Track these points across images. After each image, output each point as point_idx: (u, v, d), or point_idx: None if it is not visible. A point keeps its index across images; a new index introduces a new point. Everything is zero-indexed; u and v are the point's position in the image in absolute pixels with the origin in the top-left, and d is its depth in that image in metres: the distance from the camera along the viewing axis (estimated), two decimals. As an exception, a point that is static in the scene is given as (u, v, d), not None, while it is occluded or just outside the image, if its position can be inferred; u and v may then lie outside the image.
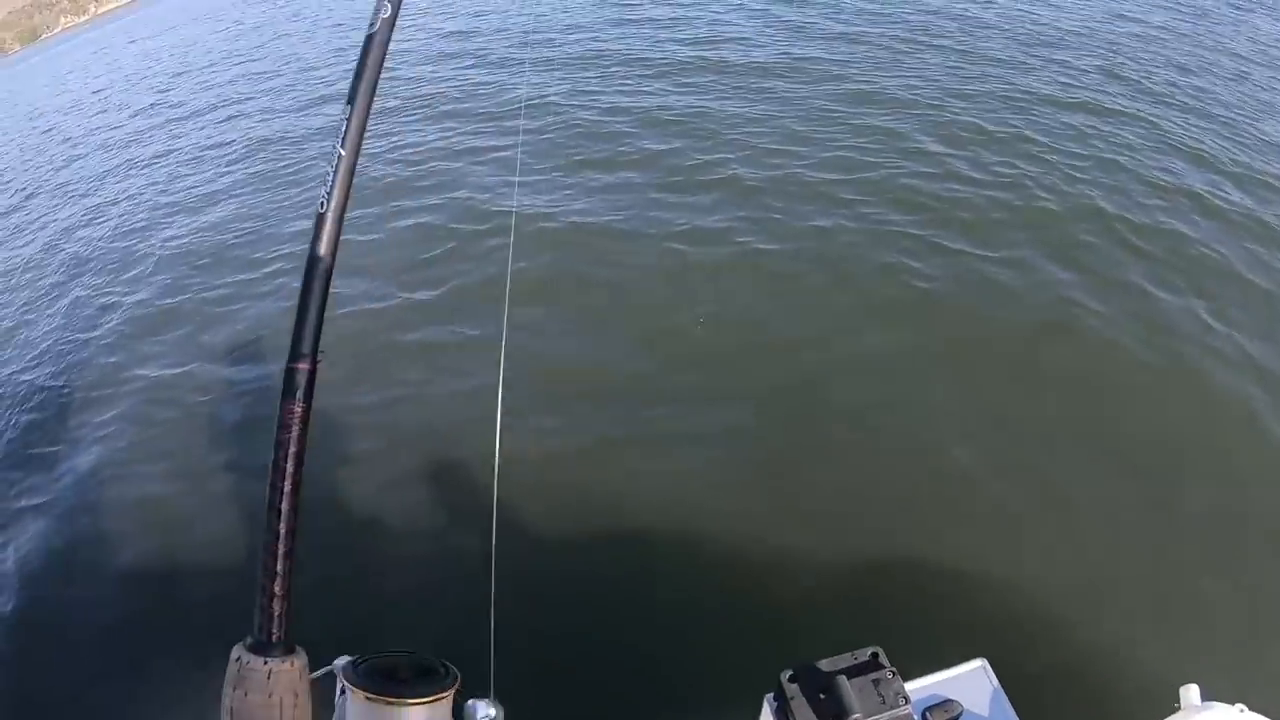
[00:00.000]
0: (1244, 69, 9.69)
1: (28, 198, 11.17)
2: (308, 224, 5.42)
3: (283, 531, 1.08)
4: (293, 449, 1.09)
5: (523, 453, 3.83)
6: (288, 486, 1.09)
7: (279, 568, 1.06)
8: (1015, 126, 6.75)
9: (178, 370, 5.33)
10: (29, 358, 6.13)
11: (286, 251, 6.24)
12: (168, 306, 6.15)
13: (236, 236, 7.06)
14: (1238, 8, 15.23)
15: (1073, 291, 4.75)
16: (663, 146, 6.76)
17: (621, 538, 3.47)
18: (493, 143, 7.52)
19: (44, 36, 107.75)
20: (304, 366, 1.10)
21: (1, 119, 21.50)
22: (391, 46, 1.17)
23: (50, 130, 15.70)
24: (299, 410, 1.10)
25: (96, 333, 6.09)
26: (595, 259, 5.34)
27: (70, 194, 10.32)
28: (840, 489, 3.59)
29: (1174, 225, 5.40)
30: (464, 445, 4.02)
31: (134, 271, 7.03)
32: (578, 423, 4.09)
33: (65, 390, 5.50)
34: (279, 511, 1.08)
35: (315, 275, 1.12)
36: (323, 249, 1.12)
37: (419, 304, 5.26)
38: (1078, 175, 6.04)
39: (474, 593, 3.23)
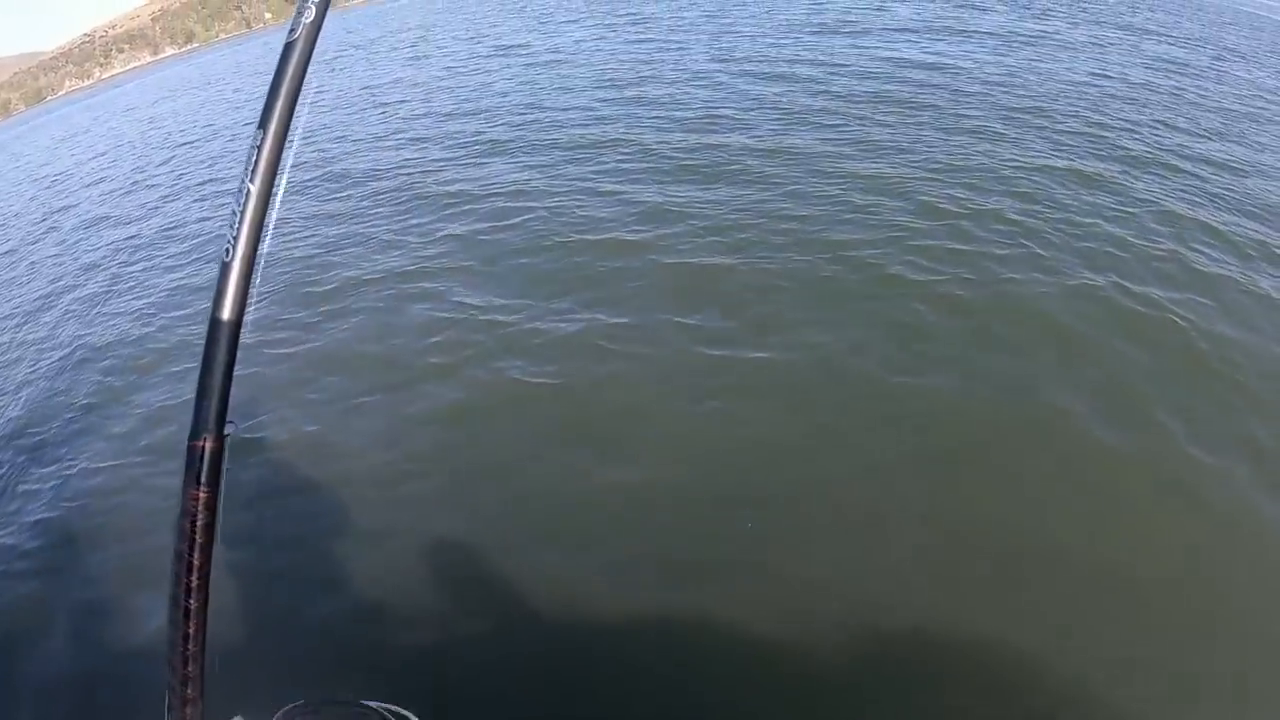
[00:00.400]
0: (1227, 122, 9.86)
1: (23, 262, 11.19)
2: (304, 314, 5.40)
3: (191, 631, 0.93)
4: (199, 539, 0.93)
5: (545, 575, 3.71)
6: (194, 580, 0.93)
7: (188, 670, 0.93)
8: (1010, 201, 6.77)
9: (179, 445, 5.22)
10: (26, 427, 6.01)
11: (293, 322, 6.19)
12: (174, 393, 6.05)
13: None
14: (1218, 59, 15.62)
15: (1067, 386, 4.63)
16: (655, 234, 6.70)
17: (639, 643, 3.38)
18: (484, 225, 7.51)
19: (48, 98, 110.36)
20: (207, 444, 0.94)
21: (3, 181, 21.68)
22: (393, 126, 1.04)
23: (49, 195, 15.82)
24: (203, 495, 0.93)
25: (97, 407, 5.98)
26: (590, 361, 5.22)
27: (68, 262, 10.29)
28: (840, 597, 3.48)
29: (1168, 295, 5.38)
30: (477, 546, 3.95)
31: (138, 341, 6.94)
32: (587, 542, 3.94)
33: (67, 465, 5.36)
34: (186, 610, 0.93)
35: (219, 338, 0.95)
36: (227, 307, 0.94)
37: (423, 396, 5.19)
38: (1074, 244, 6.06)
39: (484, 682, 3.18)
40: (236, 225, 0.95)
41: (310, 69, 1.06)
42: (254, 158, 0.96)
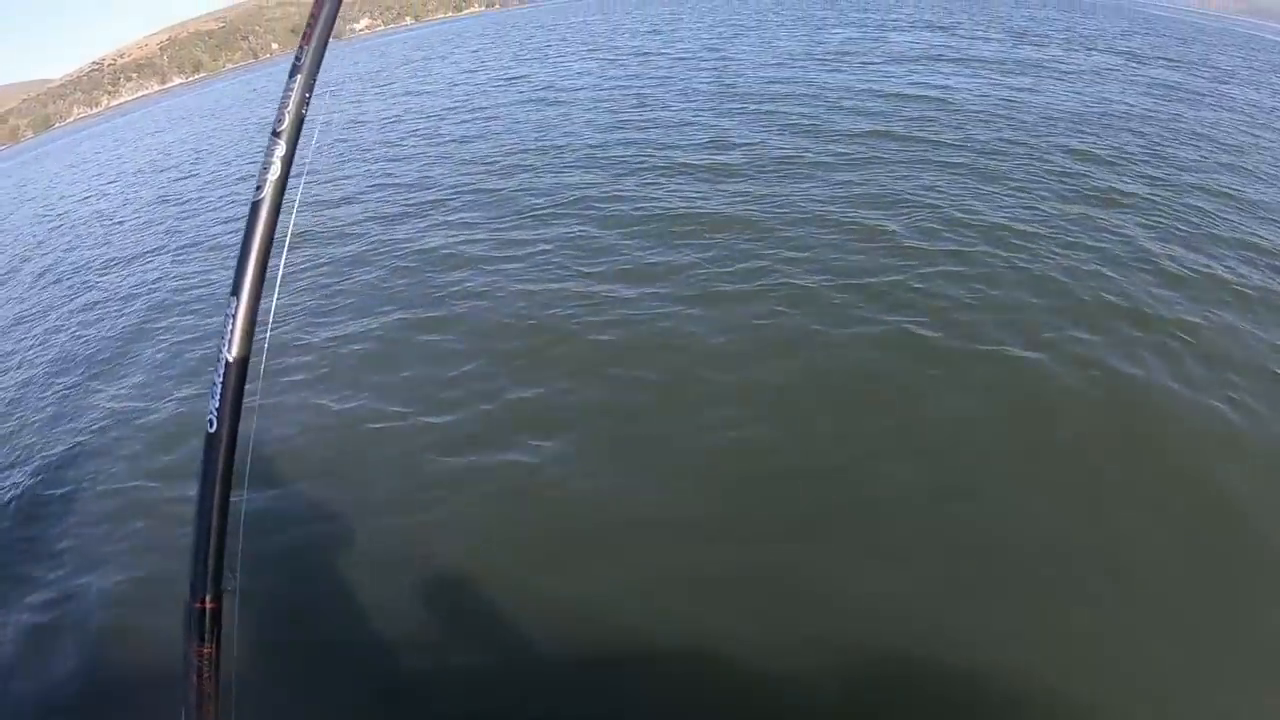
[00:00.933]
0: (1232, 150, 9.93)
1: (28, 288, 11.23)
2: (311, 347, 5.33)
3: None
4: (207, 690, 0.96)
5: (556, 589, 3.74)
6: None
7: None
8: (1007, 241, 6.80)
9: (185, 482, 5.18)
10: (24, 460, 5.92)
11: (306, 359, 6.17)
12: (179, 415, 5.97)
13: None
14: (1221, 82, 15.80)
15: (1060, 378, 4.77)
16: (674, 259, 6.78)
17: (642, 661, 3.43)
18: (508, 253, 7.52)
19: (56, 126, 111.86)
20: (207, 604, 0.97)
21: (10, 207, 21.84)
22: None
23: (56, 222, 15.92)
24: (207, 651, 0.96)
25: (102, 440, 5.89)
26: (605, 378, 5.27)
27: (76, 288, 10.30)
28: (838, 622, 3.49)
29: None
30: (482, 575, 3.94)
31: (141, 377, 6.85)
32: (607, 556, 3.95)
33: (64, 502, 5.27)
34: None
35: (210, 502, 0.95)
36: (217, 474, 0.96)
37: (438, 426, 5.13)
38: (1080, 268, 6.13)
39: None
40: (219, 395, 0.95)
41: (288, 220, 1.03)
42: (229, 327, 0.94)
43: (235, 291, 0.97)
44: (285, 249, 1.08)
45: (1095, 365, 5.00)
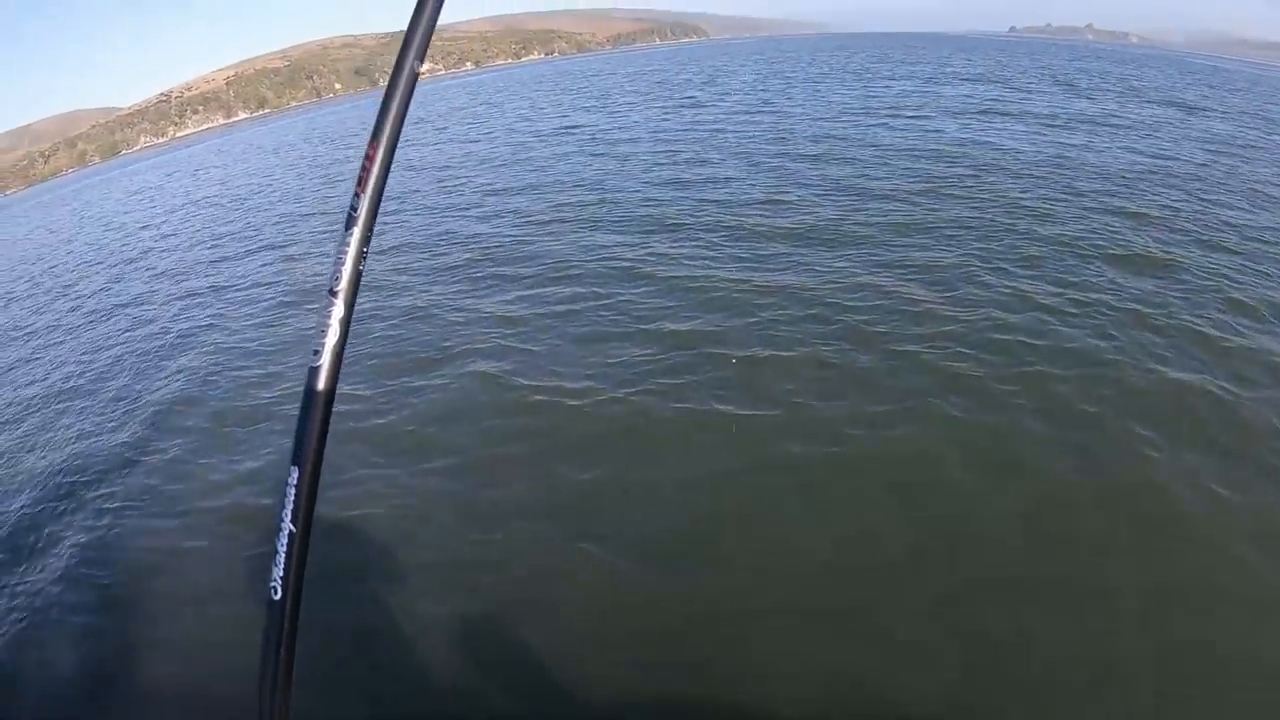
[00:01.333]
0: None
1: (68, 313, 11.67)
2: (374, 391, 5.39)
3: None
4: None
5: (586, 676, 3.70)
6: None
7: None
8: (1082, 291, 6.79)
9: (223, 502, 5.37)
10: (85, 482, 6.11)
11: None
12: (219, 463, 6.04)
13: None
14: (1276, 134, 15.49)
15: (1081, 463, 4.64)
16: (698, 322, 6.82)
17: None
18: (561, 310, 7.58)
19: (123, 153, 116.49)
20: None
21: (76, 229, 22.71)
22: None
23: (121, 246, 16.47)
24: None
25: (146, 481, 5.99)
26: (653, 452, 5.21)
27: (132, 314, 10.66)
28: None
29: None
30: (534, 649, 3.91)
31: (198, 401, 7.05)
32: (652, 640, 3.87)
33: (124, 526, 5.41)
34: None
35: (274, 667, 0.95)
36: (282, 635, 0.94)
37: (490, 491, 5.09)
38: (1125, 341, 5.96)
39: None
40: (281, 565, 0.96)
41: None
42: (290, 497, 0.95)
43: (296, 462, 0.96)
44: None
45: (1138, 448, 4.83)
